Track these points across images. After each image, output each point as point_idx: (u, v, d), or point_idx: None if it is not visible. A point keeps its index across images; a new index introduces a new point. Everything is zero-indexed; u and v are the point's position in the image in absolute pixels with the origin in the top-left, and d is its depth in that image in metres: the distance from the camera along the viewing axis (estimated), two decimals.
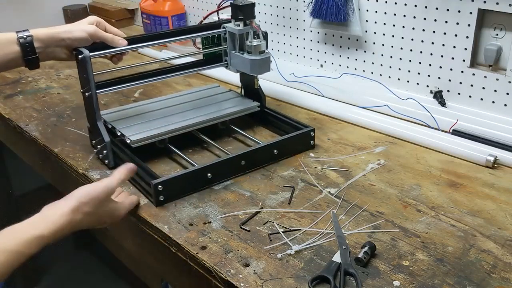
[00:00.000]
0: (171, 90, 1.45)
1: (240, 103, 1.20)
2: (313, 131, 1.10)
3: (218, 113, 1.14)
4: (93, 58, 1.00)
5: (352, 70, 1.41)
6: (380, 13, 1.29)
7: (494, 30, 1.12)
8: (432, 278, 0.74)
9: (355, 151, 1.11)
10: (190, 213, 0.90)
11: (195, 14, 1.88)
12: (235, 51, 1.15)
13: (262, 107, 1.20)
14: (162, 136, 1.07)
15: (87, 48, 1.00)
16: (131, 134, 1.04)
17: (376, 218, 0.88)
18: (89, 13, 2.20)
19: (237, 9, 1.10)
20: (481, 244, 0.81)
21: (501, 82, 1.13)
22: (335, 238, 0.82)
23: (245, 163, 1.02)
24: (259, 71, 1.12)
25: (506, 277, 0.74)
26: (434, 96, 1.24)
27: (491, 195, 0.94)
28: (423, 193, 0.95)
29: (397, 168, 1.04)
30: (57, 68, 1.68)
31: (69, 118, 1.31)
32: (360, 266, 0.76)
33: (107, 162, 1.05)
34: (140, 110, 1.17)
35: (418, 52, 1.25)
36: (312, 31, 1.46)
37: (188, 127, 1.10)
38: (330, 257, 0.78)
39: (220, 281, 0.76)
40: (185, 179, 0.95)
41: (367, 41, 1.35)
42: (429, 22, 1.21)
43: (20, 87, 1.53)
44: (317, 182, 0.99)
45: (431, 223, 0.86)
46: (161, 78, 1.14)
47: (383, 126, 1.18)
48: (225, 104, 1.19)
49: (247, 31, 1.10)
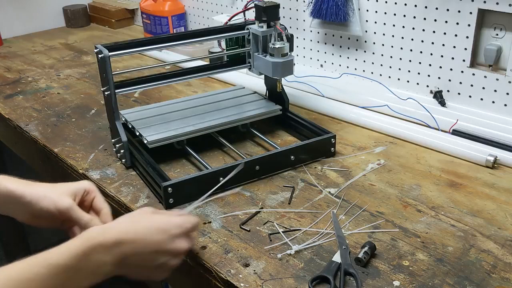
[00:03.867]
0: (171, 91, 1.45)
1: (263, 106, 1.18)
2: (334, 138, 1.07)
3: (239, 115, 1.12)
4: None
5: (352, 70, 1.41)
6: (380, 13, 1.29)
7: (494, 30, 1.12)
8: (432, 278, 0.74)
9: (355, 151, 1.11)
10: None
11: (195, 14, 1.88)
12: (258, 53, 1.14)
13: (284, 111, 1.18)
14: (180, 137, 1.06)
15: (106, 48, 0.99)
16: (149, 135, 1.04)
17: (376, 218, 0.88)
18: (89, 13, 2.21)
19: (261, 11, 1.08)
20: (481, 244, 0.81)
21: (501, 82, 1.13)
22: (335, 238, 0.82)
23: (260, 168, 1.00)
24: (282, 74, 1.10)
25: (506, 277, 0.74)
26: (434, 96, 1.24)
27: (491, 195, 0.94)
28: (423, 193, 0.95)
29: (397, 168, 1.04)
30: (57, 68, 1.68)
31: (69, 118, 1.31)
32: (360, 266, 0.76)
33: (124, 161, 1.05)
34: (162, 111, 1.16)
35: (418, 52, 1.25)
36: (312, 31, 1.46)
37: (206, 129, 1.09)
38: (330, 257, 0.78)
39: (220, 281, 0.76)
40: (196, 182, 0.93)
41: (367, 41, 1.35)
42: (429, 22, 1.21)
43: (20, 87, 1.54)
44: (317, 182, 0.99)
45: (431, 223, 0.86)
46: (181, 79, 1.14)
47: (383, 126, 1.18)
48: (247, 107, 1.17)
49: (270, 33, 1.09)
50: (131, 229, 0.68)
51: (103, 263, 0.64)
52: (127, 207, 0.94)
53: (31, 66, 1.71)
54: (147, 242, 0.68)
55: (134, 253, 0.67)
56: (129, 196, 0.96)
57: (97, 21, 2.20)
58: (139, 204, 0.94)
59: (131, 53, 1.05)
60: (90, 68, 1.67)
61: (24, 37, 2.07)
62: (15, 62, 1.76)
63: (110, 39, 1.97)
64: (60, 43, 1.98)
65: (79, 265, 0.63)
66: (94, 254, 0.64)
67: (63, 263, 0.62)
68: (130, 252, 0.66)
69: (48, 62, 1.75)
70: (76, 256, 0.63)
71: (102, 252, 0.64)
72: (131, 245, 0.66)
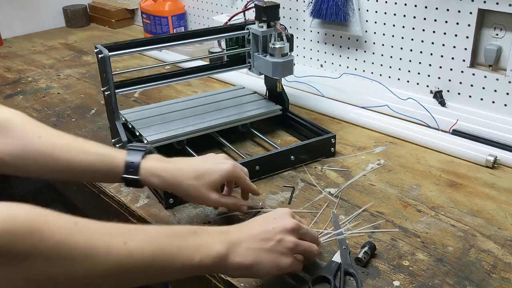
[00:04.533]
0: (171, 91, 1.45)
1: (263, 106, 1.18)
2: (334, 138, 1.07)
3: (239, 115, 1.12)
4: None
5: (352, 70, 1.41)
6: (380, 13, 1.29)
7: (494, 30, 1.12)
8: (432, 278, 0.74)
9: (355, 151, 1.11)
10: (190, 213, 0.90)
11: (195, 14, 1.88)
12: (258, 53, 1.14)
13: (284, 111, 1.18)
14: (180, 137, 1.06)
15: (106, 48, 0.99)
16: (149, 135, 1.04)
17: (376, 218, 0.88)
18: (89, 13, 2.20)
19: (261, 11, 1.08)
20: (481, 244, 0.81)
21: (501, 82, 1.13)
22: (335, 238, 0.82)
23: (260, 168, 1.00)
24: (282, 74, 1.10)
25: (506, 277, 0.74)
26: (434, 96, 1.24)
27: (491, 195, 0.94)
28: (423, 193, 0.95)
29: (397, 168, 1.04)
30: (57, 68, 1.68)
31: (69, 118, 1.31)
32: (360, 266, 0.76)
33: None
34: (162, 111, 1.16)
35: (418, 52, 1.25)
36: (312, 31, 1.46)
37: (206, 129, 1.09)
38: (330, 257, 0.78)
39: (220, 281, 0.76)
40: None
41: (367, 41, 1.35)
42: (429, 22, 1.21)
43: (20, 87, 1.54)
44: (317, 182, 0.99)
45: (431, 223, 0.86)
46: (181, 79, 1.14)
47: (383, 126, 1.18)
48: (247, 107, 1.18)
49: (270, 33, 1.09)
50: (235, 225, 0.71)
51: (213, 241, 0.64)
52: (127, 207, 0.94)
53: (31, 66, 1.71)
54: (252, 225, 0.70)
55: (242, 236, 0.67)
56: (129, 196, 0.96)
57: (97, 21, 2.20)
58: (139, 204, 0.94)
59: (131, 53, 1.05)
60: (90, 68, 1.67)
61: (24, 37, 2.07)
62: (15, 62, 1.76)
63: (110, 39, 1.97)
64: (60, 43, 1.98)
65: (188, 236, 0.63)
66: (203, 233, 0.65)
67: (174, 229, 0.64)
68: (237, 236, 0.67)
69: (48, 62, 1.75)
70: (187, 229, 0.65)
71: (210, 233, 0.66)
72: (237, 231, 0.68)
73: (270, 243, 0.67)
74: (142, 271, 0.58)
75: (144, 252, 0.58)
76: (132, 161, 0.78)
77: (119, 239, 0.57)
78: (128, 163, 0.78)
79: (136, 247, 0.57)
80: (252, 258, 0.66)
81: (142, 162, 0.78)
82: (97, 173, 0.79)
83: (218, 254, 0.64)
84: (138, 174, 0.78)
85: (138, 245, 0.58)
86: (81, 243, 0.54)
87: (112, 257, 0.56)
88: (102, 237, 0.56)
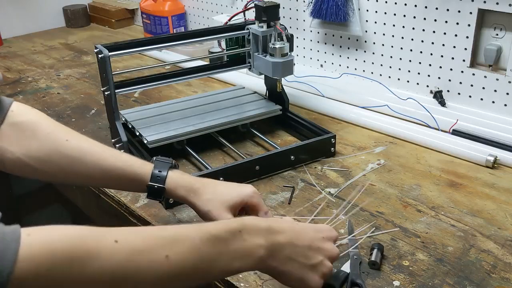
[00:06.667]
0: (171, 91, 1.45)
1: (263, 106, 1.18)
2: (334, 138, 1.07)
3: (239, 115, 1.13)
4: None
5: (352, 70, 1.41)
6: (380, 13, 1.29)
7: (494, 30, 1.12)
8: (432, 278, 0.74)
9: (355, 151, 1.11)
10: (190, 213, 0.90)
11: (195, 14, 1.88)
12: (258, 53, 1.14)
13: (284, 111, 1.18)
14: (180, 137, 1.06)
15: (106, 48, 0.99)
16: (149, 135, 1.04)
17: (376, 218, 0.88)
18: (89, 13, 2.20)
19: (261, 11, 1.08)
20: (481, 244, 0.81)
21: (501, 82, 1.13)
22: (347, 250, 0.79)
23: (260, 168, 1.00)
24: (282, 74, 1.10)
25: (506, 277, 0.74)
26: (434, 96, 1.24)
27: (491, 195, 0.94)
28: (423, 193, 0.95)
29: (397, 168, 1.04)
30: (57, 68, 1.68)
31: (69, 118, 1.31)
32: (370, 269, 0.76)
33: None
34: (162, 111, 1.16)
35: (418, 52, 1.25)
36: (312, 31, 1.46)
37: (206, 129, 1.09)
38: (339, 266, 0.78)
39: (220, 281, 0.76)
40: None
41: (367, 41, 1.35)
42: (429, 22, 1.21)
43: (20, 87, 1.54)
44: (317, 182, 0.99)
45: (431, 223, 0.86)
46: (181, 79, 1.14)
47: (383, 126, 1.18)
48: (247, 107, 1.18)
49: (270, 33, 1.09)
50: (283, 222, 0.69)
51: (256, 245, 0.62)
52: (127, 207, 0.94)
53: (31, 66, 1.71)
54: (300, 235, 0.67)
55: (288, 242, 0.65)
56: (129, 196, 0.96)
57: (97, 21, 2.20)
58: (139, 204, 0.94)
59: (131, 53, 1.05)
60: (90, 68, 1.67)
61: (24, 37, 2.07)
62: (15, 62, 1.76)
63: (110, 39, 1.97)
64: (60, 43, 1.97)
65: (231, 240, 0.60)
66: (248, 233, 0.62)
67: (216, 233, 0.60)
68: (283, 240, 0.64)
69: (48, 62, 1.75)
70: (230, 230, 0.61)
71: (255, 233, 0.62)
72: (284, 235, 0.65)
73: (310, 262, 0.66)
74: (182, 281, 0.57)
75: (186, 264, 0.57)
76: (160, 170, 0.79)
77: (161, 253, 0.54)
78: (156, 172, 0.78)
79: (178, 259, 0.56)
80: (288, 267, 0.65)
81: (169, 173, 0.79)
82: (123, 179, 0.79)
83: (259, 259, 0.62)
84: (164, 183, 0.78)
85: (179, 257, 0.56)
86: (122, 263, 0.52)
87: (153, 272, 0.54)
88: (144, 254, 0.54)
